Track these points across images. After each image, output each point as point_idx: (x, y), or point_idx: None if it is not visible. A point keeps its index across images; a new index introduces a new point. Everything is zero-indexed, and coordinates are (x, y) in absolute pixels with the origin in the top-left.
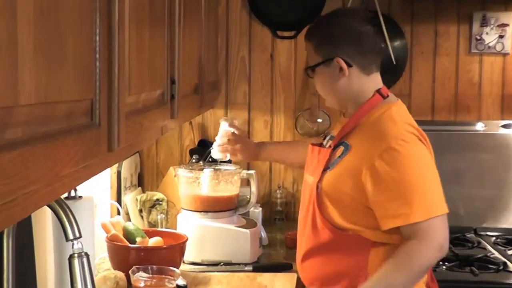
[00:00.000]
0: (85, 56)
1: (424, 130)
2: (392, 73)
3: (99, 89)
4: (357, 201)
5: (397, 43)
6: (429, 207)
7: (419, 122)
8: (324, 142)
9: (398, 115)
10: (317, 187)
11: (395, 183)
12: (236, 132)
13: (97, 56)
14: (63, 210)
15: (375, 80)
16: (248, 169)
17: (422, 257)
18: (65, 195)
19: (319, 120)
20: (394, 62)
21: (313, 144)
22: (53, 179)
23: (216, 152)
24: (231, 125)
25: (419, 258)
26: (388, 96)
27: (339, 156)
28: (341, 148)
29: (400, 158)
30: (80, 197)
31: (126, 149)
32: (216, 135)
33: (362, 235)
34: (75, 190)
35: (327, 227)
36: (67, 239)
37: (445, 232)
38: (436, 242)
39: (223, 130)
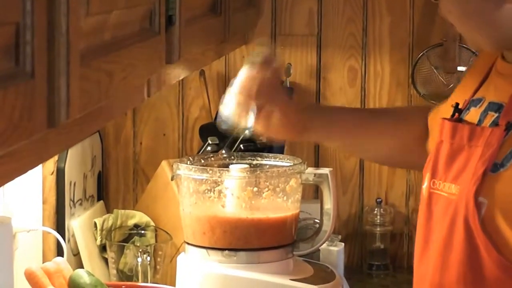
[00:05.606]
0: None
1: None
2: None
3: (31, 4)
4: None
5: None
6: None
7: None
8: (468, 115)
9: None
10: (478, 204)
11: None
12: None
13: None
14: None
15: None
16: (317, 165)
17: None
18: None
19: (461, 69)
20: None
21: (449, 120)
22: None
23: (227, 107)
24: (268, 65)
25: None
26: None
27: None
28: None
29: None
30: None
31: (81, 123)
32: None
33: None
34: None
35: None
36: None
37: None
38: None
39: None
